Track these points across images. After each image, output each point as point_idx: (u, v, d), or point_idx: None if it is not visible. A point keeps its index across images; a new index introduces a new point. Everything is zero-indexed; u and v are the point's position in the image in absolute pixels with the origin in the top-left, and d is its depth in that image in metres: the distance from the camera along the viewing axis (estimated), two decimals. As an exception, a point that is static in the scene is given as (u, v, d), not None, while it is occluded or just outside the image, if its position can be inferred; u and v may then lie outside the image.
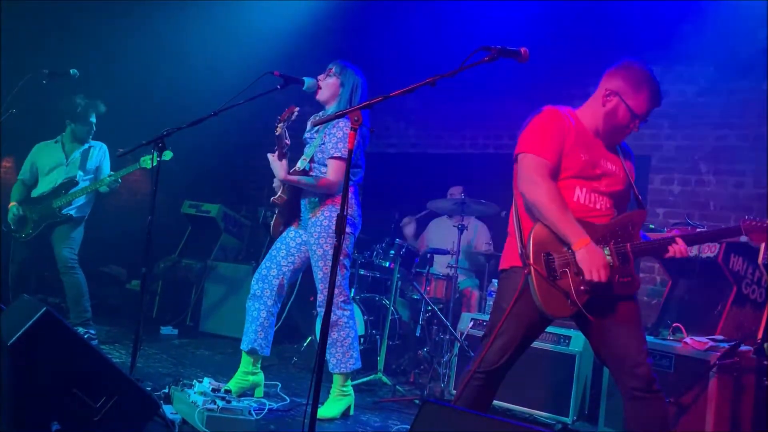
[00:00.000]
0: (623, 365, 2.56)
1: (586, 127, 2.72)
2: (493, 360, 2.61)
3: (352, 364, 3.79)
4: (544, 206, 2.53)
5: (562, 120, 2.65)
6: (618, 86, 2.68)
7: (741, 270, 3.93)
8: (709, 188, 5.40)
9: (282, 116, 3.58)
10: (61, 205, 4.97)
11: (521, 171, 2.63)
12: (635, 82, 2.67)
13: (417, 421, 2.10)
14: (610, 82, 2.71)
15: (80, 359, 2.52)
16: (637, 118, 2.68)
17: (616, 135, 2.75)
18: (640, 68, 2.71)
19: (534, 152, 2.61)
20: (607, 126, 2.71)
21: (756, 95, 5.22)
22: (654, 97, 2.69)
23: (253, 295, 3.82)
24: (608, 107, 2.69)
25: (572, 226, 2.52)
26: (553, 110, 2.70)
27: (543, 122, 2.66)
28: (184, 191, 7.22)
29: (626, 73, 2.70)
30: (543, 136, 2.63)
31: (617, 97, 2.67)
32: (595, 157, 2.67)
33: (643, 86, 2.67)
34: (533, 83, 6.03)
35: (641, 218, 2.70)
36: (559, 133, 2.63)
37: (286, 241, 3.85)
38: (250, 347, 3.80)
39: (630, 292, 2.61)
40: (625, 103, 2.66)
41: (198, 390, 3.24)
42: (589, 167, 2.64)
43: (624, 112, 2.67)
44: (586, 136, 2.69)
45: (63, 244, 5.01)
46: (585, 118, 2.74)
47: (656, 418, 2.54)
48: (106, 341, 5.10)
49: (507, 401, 4.07)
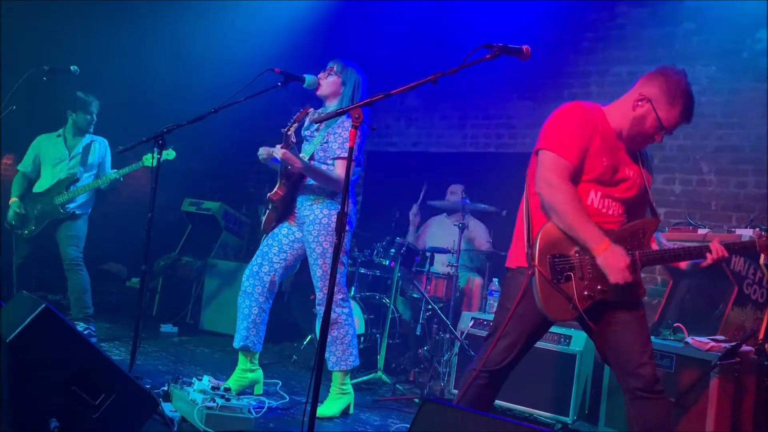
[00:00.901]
0: (626, 365, 2.55)
1: (612, 128, 2.63)
2: (497, 360, 2.60)
3: (351, 361, 3.78)
4: (564, 210, 2.48)
5: (591, 119, 2.58)
6: (653, 93, 2.58)
7: (742, 270, 3.92)
8: (710, 188, 5.38)
9: (296, 117, 3.57)
10: (63, 202, 4.97)
11: (540, 170, 2.55)
12: (671, 93, 2.57)
13: (417, 419, 2.09)
14: (645, 87, 2.62)
15: (79, 356, 2.52)
16: (664, 130, 2.61)
17: (639, 142, 2.68)
18: (679, 79, 2.60)
19: (557, 152, 2.52)
20: (632, 131, 2.62)
21: (758, 95, 5.20)
22: (687, 112, 2.60)
23: (244, 291, 3.81)
24: (638, 112, 2.60)
25: (592, 230, 2.46)
26: (582, 107, 2.61)
27: (569, 119, 2.58)
28: (184, 189, 7.21)
29: (665, 81, 2.59)
30: (568, 136, 2.54)
31: (649, 104, 2.58)
32: (617, 161, 2.60)
33: (678, 99, 2.57)
34: (535, 82, 6.02)
35: (653, 226, 2.65)
36: (586, 133, 2.54)
37: (279, 237, 3.83)
38: (241, 344, 3.79)
39: (634, 300, 2.58)
40: (655, 112, 2.57)
41: (197, 388, 3.24)
42: (609, 172, 2.58)
43: (652, 121, 2.59)
44: (611, 138, 2.61)
45: (68, 242, 5.03)
46: (612, 118, 2.65)
47: (659, 419, 2.53)
48: (105, 339, 5.10)
49: (507, 400, 4.06)
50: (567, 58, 6.09)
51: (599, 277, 2.50)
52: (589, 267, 2.50)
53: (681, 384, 3.41)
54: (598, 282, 2.50)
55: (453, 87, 4.85)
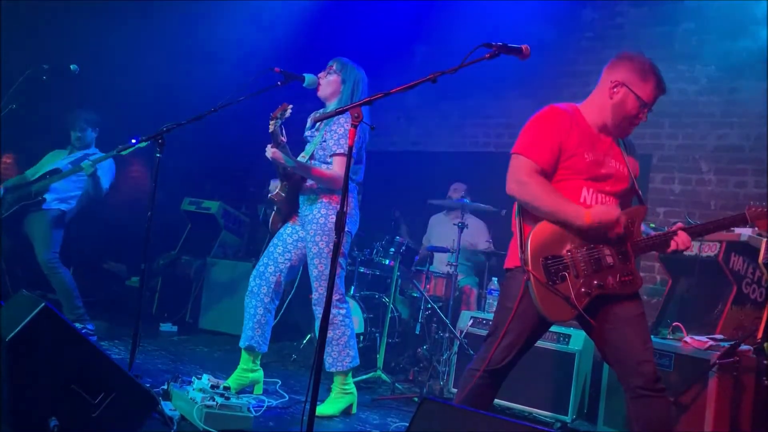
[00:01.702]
0: (627, 364, 2.55)
1: (590, 123, 2.70)
2: (497, 359, 2.61)
3: (349, 362, 3.78)
4: (537, 199, 2.54)
5: (561, 120, 2.63)
6: (624, 77, 2.67)
7: (741, 269, 3.93)
8: (709, 187, 5.39)
9: (274, 113, 3.56)
10: (38, 190, 4.93)
11: (509, 172, 2.63)
12: (641, 70, 2.66)
13: (416, 418, 2.09)
14: (614, 74, 2.70)
15: (79, 355, 2.52)
16: (646, 106, 2.67)
17: (627, 127, 2.74)
18: (642, 57, 2.71)
19: (524, 153, 2.61)
20: (616, 118, 2.69)
21: (757, 94, 5.21)
22: (660, 83, 2.69)
23: (251, 291, 3.82)
24: (616, 99, 2.67)
25: (570, 206, 2.53)
26: (553, 109, 2.68)
27: (539, 123, 2.66)
28: (184, 188, 7.21)
29: (630, 63, 2.69)
30: (535, 138, 2.62)
31: (625, 87, 2.66)
32: (600, 155, 2.65)
33: (649, 74, 2.67)
34: (535, 82, 6.02)
35: (641, 214, 2.69)
36: (555, 133, 2.61)
37: (283, 237, 3.84)
38: (247, 344, 3.80)
39: (631, 291, 2.60)
40: (633, 93, 2.65)
41: (197, 387, 3.24)
42: (594, 167, 2.62)
43: (633, 102, 2.66)
44: (590, 134, 2.67)
45: (41, 245, 4.91)
46: (589, 114, 2.72)
47: (660, 417, 2.53)
48: (105, 337, 5.10)
49: (506, 399, 4.06)
50: (567, 58, 6.10)
51: (594, 271, 2.53)
52: (582, 264, 2.53)
53: (680, 383, 3.41)
54: (594, 277, 2.52)
55: (453, 86, 4.85)
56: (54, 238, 4.99)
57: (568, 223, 2.53)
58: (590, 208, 2.53)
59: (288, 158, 3.57)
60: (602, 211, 2.52)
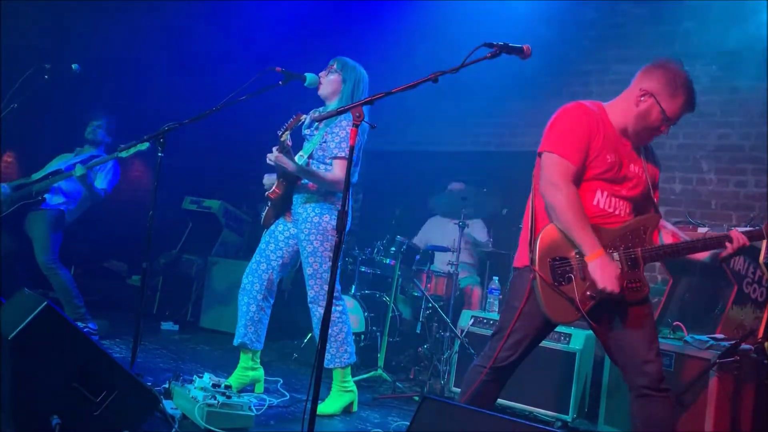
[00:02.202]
0: (633, 363, 2.55)
1: (615, 125, 2.66)
2: (502, 357, 2.61)
3: (347, 358, 3.79)
4: (563, 212, 2.50)
5: (591, 119, 2.59)
6: (654, 87, 2.60)
7: (742, 269, 3.93)
8: (710, 187, 5.39)
9: (289, 124, 3.56)
10: (39, 189, 4.94)
11: (544, 172, 2.57)
12: (673, 84, 2.59)
13: (416, 417, 2.10)
14: (645, 82, 2.63)
15: (81, 354, 2.52)
16: (670, 122, 2.63)
17: (646, 137, 2.69)
18: (678, 70, 2.62)
19: (559, 153, 2.55)
20: (637, 126, 2.65)
21: (758, 94, 5.21)
22: (689, 102, 2.62)
23: (243, 289, 3.82)
24: (641, 108, 2.62)
25: (587, 236, 2.48)
26: (582, 107, 2.63)
27: (570, 120, 2.60)
28: (185, 187, 7.22)
29: (664, 74, 2.62)
30: (569, 137, 2.56)
31: (652, 98, 2.60)
32: (621, 158, 2.62)
33: (680, 90, 2.60)
34: (536, 81, 6.02)
35: (655, 223, 2.66)
36: (587, 133, 2.56)
37: (275, 234, 3.84)
38: (239, 341, 3.80)
39: (638, 298, 2.57)
40: (659, 106, 2.59)
41: (198, 385, 3.25)
42: (613, 169, 2.59)
43: (657, 115, 2.61)
44: (613, 136, 2.63)
45: (39, 247, 4.91)
46: (614, 116, 2.67)
47: (663, 417, 2.53)
48: (106, 336, 5.10)
49: (507, 398, 4.07)
50: (568, 57, 6.10)
51: None
52: None
53: (680, 382, 3.41)
54: (600, 292, 2.49)
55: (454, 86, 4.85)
56: (53, 239, 4.97)
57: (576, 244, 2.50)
58: (600, 257, 2.45)
59: (293, 163, 3.58)
60: (603, 270, 2.44)
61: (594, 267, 2.46)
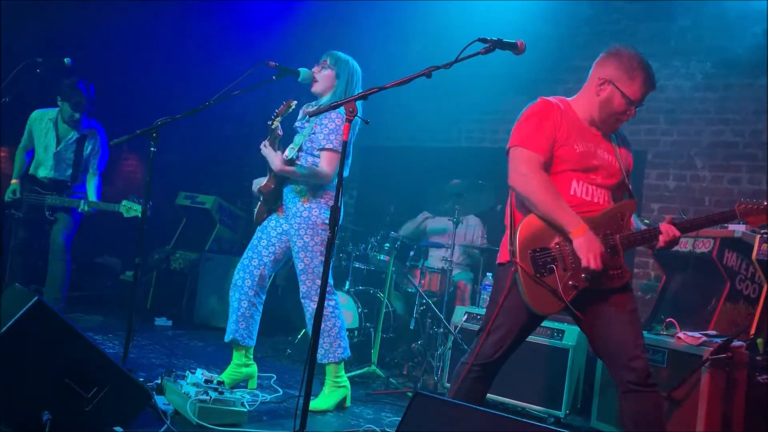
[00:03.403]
0: (619, 358, 2.55)
1: (581, 117, 2.70)
2: (489, 353, 2.61)
3: (341, 353, 3.78)
4: (537, 197, 2.52)
5: (554, 111, 2.63)
6: (611, 74, 2.65)
7: (735, 266, 3.94)
8: (704, 184, 5.40)
9: (279, 110, 3.56)
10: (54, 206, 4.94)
11: (511, 164, 2.62)
12: (628, 68, 2.64)
13: (407, 413, 2.10)
14: (602, 70, 2.68)
15: (72, 349, 2.52)
16: (633, 104, 2.65)
17: (613, 123, 2.72)
18: (631, 53, 2.67)
19: (524, 145, 2.59)
20: (602, 115, 2.68)
21: (752, 91, 5.22)
22: (648, 80, 2.66)
23: (234, 284, 3.81)
24: (603, 96, 2.66)
25: (568, 215, 2.51)
26: (545, 102, 2.67)
27: (534, 115, 2.64)
28: (179, 183, 7.20)
29: (618, 59, 2.67)
30: (533, 129, 2.61)
31: (611, 85, 2.64)
32: (591, 148, 2.65)
33: (637, 71, 2.64)
34: (530, 77, 6.02)
35: (631, 209, 2.68)
36: (551, 125, 2.60)
37: (267, 230, 3.83)
38: (230, 338, 3.79)
39: (620, 285, 2.58)
40: (620, 91, 2.63)
41: (190, 381, 3.24)
42: (584, 159, 2.62)
43: (619, 100, 2.64)
44: (580, 127, 2.67)
45: (61, 228, 4.97)
46: (579, 108, 2.71)
47: (651, 413, 2.53)
48: (99, 332, 5.09)
49: (500, 394, 4.07)
50: (562, 53, 6.10)
51: (582, 265, 2.51)
52: (570, 257, 2.53)
53: (673, 379, 3.42)
54: (582, 271, 2.51)
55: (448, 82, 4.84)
56: (75, 223, 5.08)
57: (559, 227, 2.53)
58: (585, 234, 2.48)
59: (277, 161, 3.58)
60: (589, 245, 2.47)
61: (580, 243, 2.47)
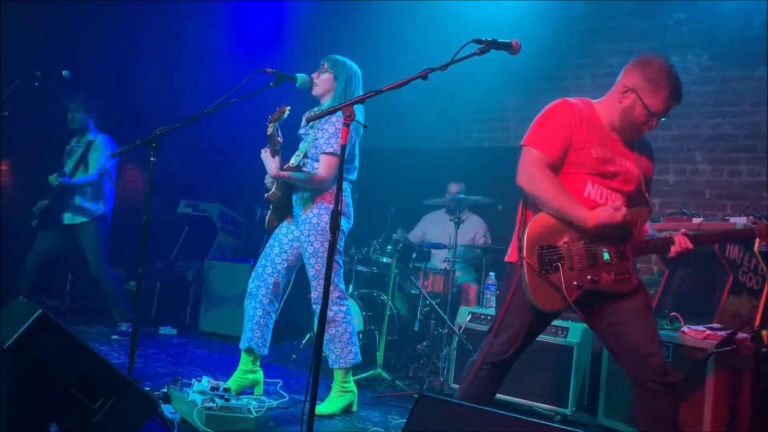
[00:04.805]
0: (636, 357, 2.52)
1: (603, 121, 2.67)
2: (499, 351, 2.62)
3: (352, 358, 3.79)
4: (546, 195, 2.53)
5: (572, 113, 2.61)
6: (635, 83, 2.61)
7: (737, 258, 3.94)
8: (704, 177, 5.40)
9: (273, 116, 3.57)
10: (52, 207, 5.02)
11: (520, 164, 2.62)
12: (654, 79, 2.59)
13: (412, 415, 2.10)
14: (627, 78, 2.65)
15: (77, 360, 2.52)
16: (655, 116, 2.63)
17: (634, 132, 2.69)
18: (660, 64, 2.62)
19: (534, 146, 2.59)
20: (623, 123, 2.65)
21: (750, 83, 5.23)
22: (673, 95, 2.62)
23: (249, 293, 3.82)
24: (625, 104, 2.63)
25: (577, 207, 2.51)
26: (565, 103, 2.66)
27: (549, 115, 2.64)
28: (180, 191, 7.21)
29: (645, 69, 2.62)
30: (545, 130, 2.60)
31: (634, 94, 2.60)
32: (609, 153, 2.63)
33: (662, 84, 2.59)
34: (528, 76, 6.03)
35: (644, 217, 2.66)
36: (565, 127, 2.59)
37: (279, 237, 3.84)
38: (246, 346, 3.80)
39: (625, 290, 2.56)
40: (641, 101, 2.59)
41: (197, 389, 3.25)
42: (601, 164, 2.60)
43: (641, 110, 2.61)
44: (600, 131, 2.65)
45: (92, 258, 5.19)
46: (602, 112, 2.69)
47: (669, 412, 2.51)
48: (104, 342, 5.10)
49: (506, 393, 4.07)
50: (559, 52, 6.11)
51: (589, 266, 2.52)
52: (577, 257, 2.53)
53: (678, 373, 3.42)
54: (588, 272, 2.51)
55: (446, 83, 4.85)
56: (100, 242, 5.24)
57: (572, 223, 2.53)
58: (595, 209, 2.50)
59: (274, 167, 3.60)
60: (607, 215, 2.49)
61: (597, 218, 2.48)
